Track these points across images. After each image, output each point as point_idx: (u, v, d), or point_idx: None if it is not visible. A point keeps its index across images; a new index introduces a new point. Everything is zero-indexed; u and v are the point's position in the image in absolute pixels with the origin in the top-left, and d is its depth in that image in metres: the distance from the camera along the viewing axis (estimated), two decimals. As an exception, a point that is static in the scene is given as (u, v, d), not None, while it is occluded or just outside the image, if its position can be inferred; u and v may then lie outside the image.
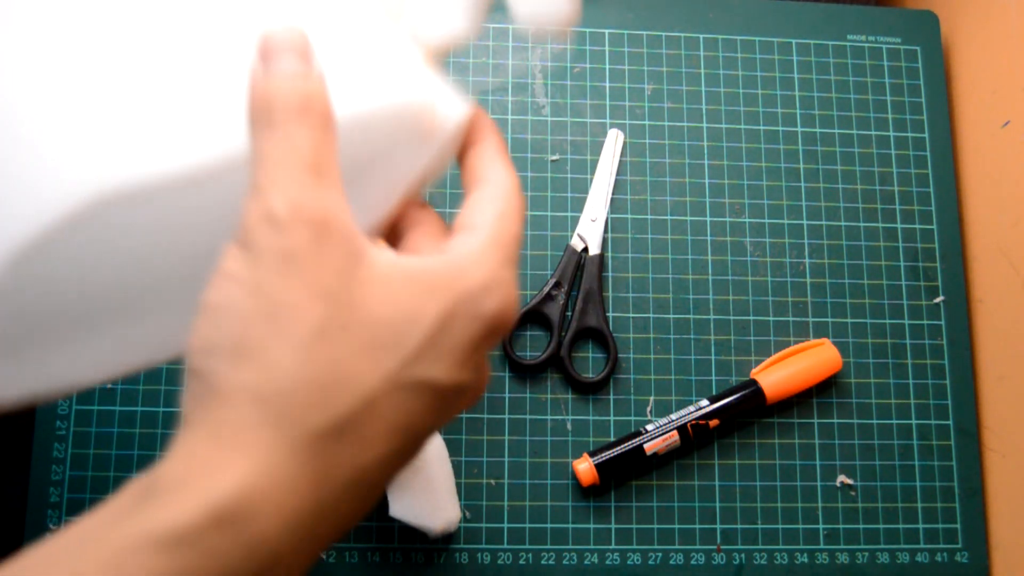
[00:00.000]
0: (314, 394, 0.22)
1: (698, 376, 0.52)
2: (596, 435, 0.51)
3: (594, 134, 0.55)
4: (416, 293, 0.23)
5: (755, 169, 0.55)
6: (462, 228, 0.26)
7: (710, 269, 0.54)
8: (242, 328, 0.22)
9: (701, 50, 0.57)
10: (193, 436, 0.22)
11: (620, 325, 0.52)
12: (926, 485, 0.51)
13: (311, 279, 0.22)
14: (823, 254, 0.54)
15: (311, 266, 0.22)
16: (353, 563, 0.48)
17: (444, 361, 0.24)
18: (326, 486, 0.22)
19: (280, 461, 0.21)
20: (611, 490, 0.50)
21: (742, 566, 0.49)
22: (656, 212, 0.54)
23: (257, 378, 0.21)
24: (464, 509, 0.49)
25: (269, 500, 0.21)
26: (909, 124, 0.57)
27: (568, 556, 0.49)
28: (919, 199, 0.56)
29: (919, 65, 0.58)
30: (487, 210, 0.26)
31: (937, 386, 0.53)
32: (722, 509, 0.50)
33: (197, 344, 0.22)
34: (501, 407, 0.50)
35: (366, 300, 0.23)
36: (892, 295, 0.54)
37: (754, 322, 0.53)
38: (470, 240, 0.25)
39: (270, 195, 0.22)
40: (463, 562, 0.48)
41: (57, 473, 0.48)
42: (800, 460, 0.51)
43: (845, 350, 0.53)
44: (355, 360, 0.22)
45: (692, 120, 0.56)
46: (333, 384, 0.22)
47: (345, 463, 0.22)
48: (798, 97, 0.57)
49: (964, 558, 0.51)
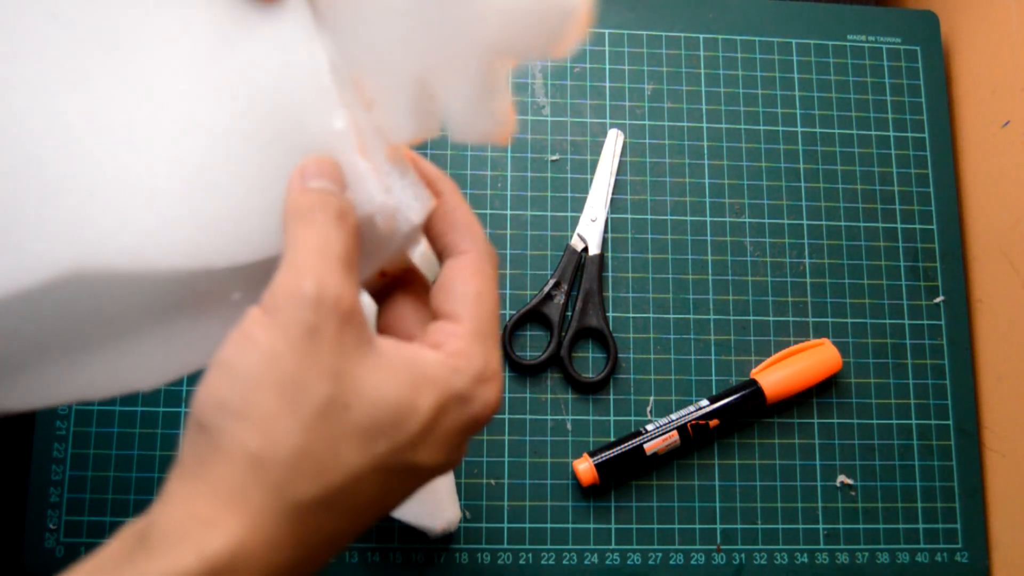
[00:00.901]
0: (309, 467, 0.23)
1: (698, 376, 0.52)
2: (596, 435, 0.51)
3: (594, 134, 0.55)
4: (414, 385, 0.25)
5: (755, 169, 0.55)
6: (444, 315, 0.28)
7: (710, 269, 0.54)
8: (254, 392, 0.23)
9: (701, 50, 0.57)
10: (192, 488, 0.23)
11: (620, 325, 0.52)
12: (926, 485, 0.51)
13: (327, 360, 0.24)
14: (823, 254, 0.54)
15: (329, 348, 0.24)
16: (353, 563, 0.48)
17: (431, 449, 0.26)
18: (307, 546, 0.24)
19: (269, 524, 0.23)
20: (611, 490, 0.50)
21: (742, 566, 0.49)
22: (656, 212, 0.54)
23: (260, 443, 0.23)
24: (464, 509, 0.49)
25: (256, 558, 0.23)
26: (909, 124, 0.57)
27: (568, 556, 0.49)
28: (919, 199, 0.56)
29: (919, 65, 0.58)
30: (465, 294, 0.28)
31: (937, 386, 0.53)
32: (722, 509, 0.50)
33: (206, 397, 0.24)
34: (501, 407, 0.50)
35: (370, 387, 0.24)
36: (892, 295, 0.54)
37: (754, 322, 0.53)
38: (455, 332, 0.27)
39: (304, 275, 0.24)
40: (463, 562, 0.48)
41: (57, 473, 0.48)
42: (800, 460, 0.51)
43: (845, 350, 0.53)
44: (351, 441, 0.24)
45: (692, 120, 0.56)
46: (328, 460, 0.24)
47: (326, 528, 0.24)
48: (798, 97, 0.57)
49: (964, 558, 0.51)
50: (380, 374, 0.25)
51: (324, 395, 0.23)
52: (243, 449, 0.23)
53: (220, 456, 0.23)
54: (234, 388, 0.23)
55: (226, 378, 0.24)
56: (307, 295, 0.24)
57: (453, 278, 0.28)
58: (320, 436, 0.23)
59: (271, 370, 0.23)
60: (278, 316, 0.24)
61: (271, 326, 0.24)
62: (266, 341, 0.24)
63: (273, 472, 0.23)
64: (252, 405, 0.23)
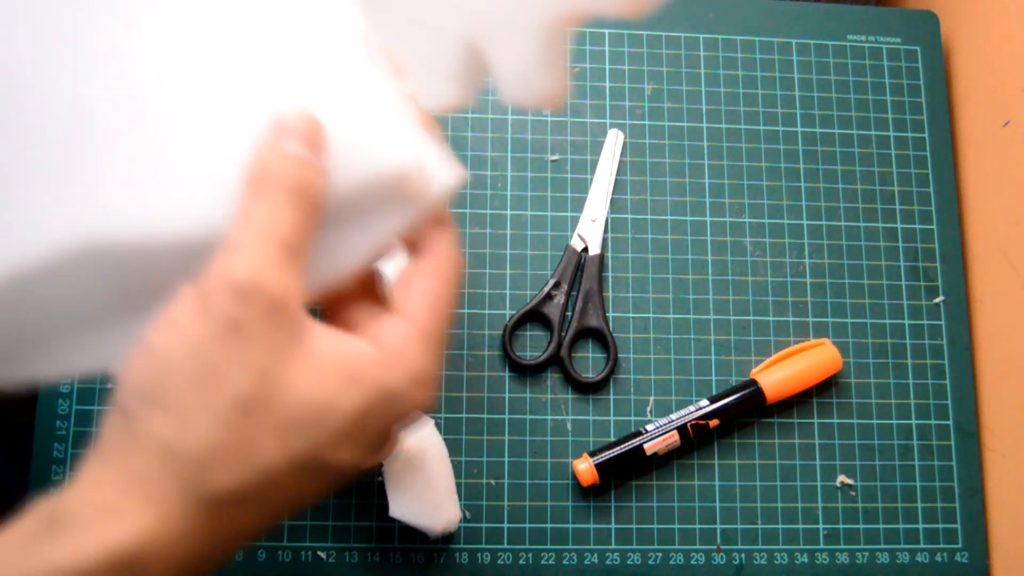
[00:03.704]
0: (221, 462, 0.23)
1: (698, 376, 0.52)
2: (596, 435, 0.51)
3: (594, 134, 0.55)
4: (341, 382, 0.25)
5: (755, 169, 0.55)
6: (395, 310, 0.27)
7: (710, 269, 0.54)
8: (171, 382, 0.23)
9: (701, 50, 0.57)
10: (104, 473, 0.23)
11: (620, 325, 0.52)
12: (926, 485, 0.51)
13: (250, 354, 0.23)
14: (823, 254, 0.54)
15: (254, 341, 0.23)
16: (353, 563, 0.48)
17: (353, 449, 0.25)
18: (218, 540, 0.24)
19: (178, 516, 0.23)
20: (611, 490, 0.50)
21: (742, 566, 0.49)
22: (656, 212, 0.54)
23: (172, 434, 0.23)
24: (464, 509, 0.49)
25: (164, 549, 0.23)
26: (909, 124, 0.57)
27: (568, 556, 0.49)
28: (919, 199, 0.56)
29: (919, 65, 0.58)
30: (421, 293, 0.27)
31: (937, 386, 0.53)
32: (722, 509, 0.50)
33: (126, 378, 0.24)
34: (501, 407, 0.50)
35: (293, 383, 0.24)
36: (892, 295, 0.54)
37: (754, 322, 0.53)
38: (400, 329, 0.26)
39: (238, 259, 0.23)
40: (463, 562, 0.48)
41: (57, 473, 0.48)
42: (800, 460, 0.51)
43: (845, 350, 0.53)
44: (268, 438, 0.24)
45: (692, 120, 0.56)
46: (241, 456, 0.23)
47: (238, 523, 0.24)
48: (798, 97, 0.57)
49: (964, 558, 0.51)
50: (306, 373, 0.24)
51: (243, 391, 0.23)
52: (156, 439, 0.23)
53: (134, 443, 0.23)
54: (153, 374, 0.23)
55: (148, 361, 0.23)
56: (238, 285, 0.23)
57: (414, 276, 0.28)
58: (236, 432, 0.23)
59: (191, 360, 0.23)
60: (207, 303, 0.23)
61: (198, 313, 0.23)
62: (191, 329, 0.23)
63: (185, 464, 0.23)
64: (169, 394, 0.23)
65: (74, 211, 0.24)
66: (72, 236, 0.24)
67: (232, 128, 0.25)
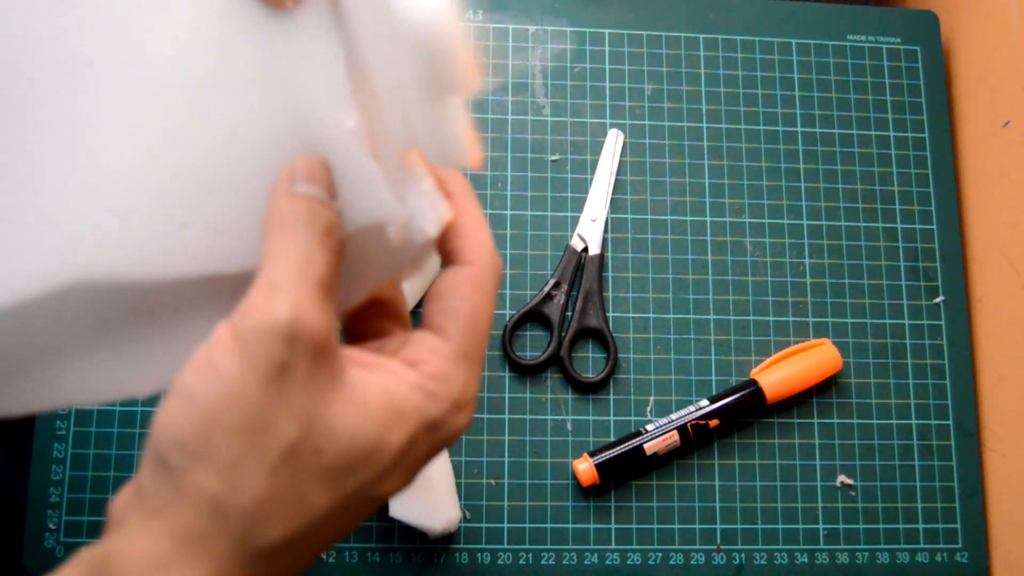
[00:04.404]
0: (274, 513, 0.22)
1: (698, 376, 0.52)
2: (596, 435, 0.51)
3: (594, 134, 0.55)
4: (386, 419, 0.24)
5: (755, 169, 0.55)
6: (432, 327, 0.26)
7: (710, 269, 0.54)
8: (216, 432, 0.22)
9: (701, 50, 0.57)
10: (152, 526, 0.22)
11: (620, 325, 0.52)
12: (926, 485, 0.51)
13: (296, 400, 0.22)
14: (823, 254, 0.54)
15: (299, 385, 0.22)
16: (353, 563, 0.48)
17: (396, 479, 0.25)
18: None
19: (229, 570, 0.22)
20: (611, 490, 0.50)
21: (742, 566, 0.49)
22: (656, 212, 0.54)
23: (221, 489, 0.22)
24: (464, 509, 0.49)
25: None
26: (909, 124, 0.57)
27: (568, 556, 0.49)
28: (919, 199, 0.56)
29: (919, 65, 0.58)
30: (459, 310, 0.26)
31: (937, 386, 0.53)
32: (722, 509, 0.50)
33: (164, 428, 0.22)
34: (501, 407, 0.50)
35: (339, 425, 0.23)
36: (892, 295, 0.54)
37: (754, 322, 0.53)
38: (439, 351, 0.25)
39: (280, 301, 0.22)
40: (463, 562, 0.48)
41: (57, 473, 0.48)
42: (800, 460, 0.51)
43: (845, 350, 0.53)
44: (318, 484, 0.23)
45: (692, 120, 0.56)
46: (292, 505, 0.23)
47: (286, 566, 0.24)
48: (798, 97, 0.57)
49: (964, 558, 0.51)
50: (352, 413, 0.23)
51: (291, 438, 0.22)
52: (204, 494, 0.22)
53: (180, 497, 0.22)
54: (196, 425, 0.22)
55: (187, 409, 0.22)
56: (281, 327, 0.22)
57: (449, 289, 0.26)
58: (286, 481, 0.22)
59: (236, 409, 0.22)
60: (248, 347, 0.22)
61: (239, 357, 0.22)
62: (233, 374, 0.22)
63: (236, 520, 0.22)
64: (214, 447, 0.22)
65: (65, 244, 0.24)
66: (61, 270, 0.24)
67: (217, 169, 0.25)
